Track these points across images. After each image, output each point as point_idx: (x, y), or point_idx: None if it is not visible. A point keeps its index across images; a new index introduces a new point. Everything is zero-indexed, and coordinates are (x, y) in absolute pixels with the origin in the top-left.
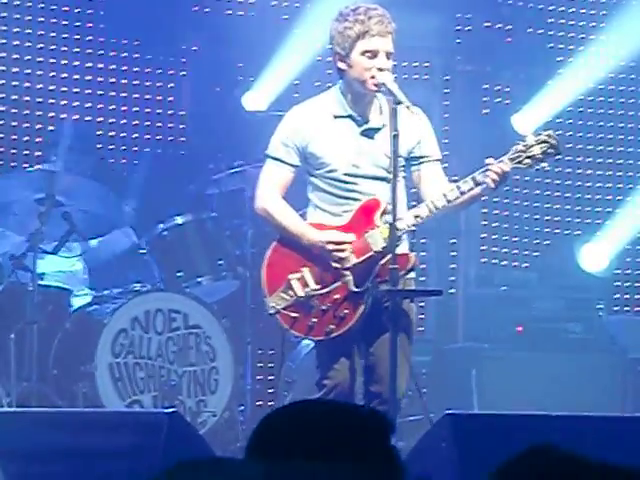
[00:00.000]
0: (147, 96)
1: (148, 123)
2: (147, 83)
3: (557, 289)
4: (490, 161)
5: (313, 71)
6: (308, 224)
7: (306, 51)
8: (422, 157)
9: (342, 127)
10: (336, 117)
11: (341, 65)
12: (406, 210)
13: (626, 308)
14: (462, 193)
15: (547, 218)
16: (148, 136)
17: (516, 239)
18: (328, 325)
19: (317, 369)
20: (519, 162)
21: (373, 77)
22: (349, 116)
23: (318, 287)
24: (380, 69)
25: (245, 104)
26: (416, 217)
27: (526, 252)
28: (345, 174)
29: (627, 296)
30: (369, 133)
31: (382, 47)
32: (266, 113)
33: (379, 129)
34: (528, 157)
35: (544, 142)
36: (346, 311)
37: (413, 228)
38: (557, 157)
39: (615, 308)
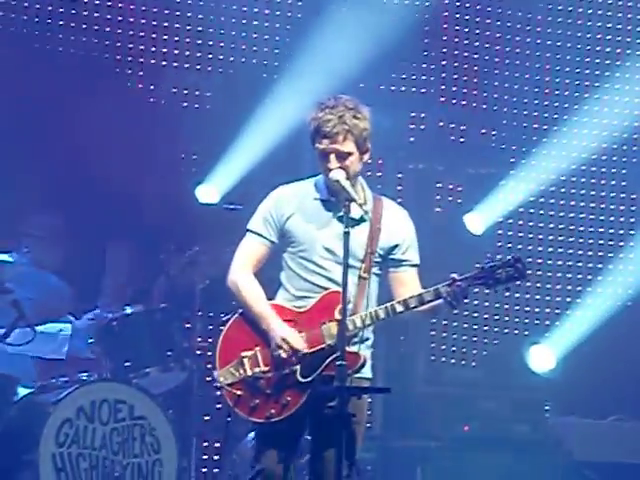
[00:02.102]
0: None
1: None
2: None
3: (504, 389)
4: (454, 277)
5: (267, 164)
6: (270, 305)
7: (260, 145)
8: (400, 260)
9: (319, 211)
10: (317, 200)
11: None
12: (375, 305)
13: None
14: (422, 303)
15: (496, 317)
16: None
17: (465, 337)
18: (269, 409)
19: (251, 450)
20: (483, 283)
21: (327, 175)
22: (328, 201)
23: (266, 369)
24: (330, 169)
25: (198, 196)
26: (372, 317)
27: (474, 351)
28: (319, 256)
29: (573, 398)
30: (347, 221)
31: (331, 148)
32: (218, 206)
33: (359, 220)
34: (493, 279)
35: (511, 266)
36: (289, 398)
37: (366, 326)
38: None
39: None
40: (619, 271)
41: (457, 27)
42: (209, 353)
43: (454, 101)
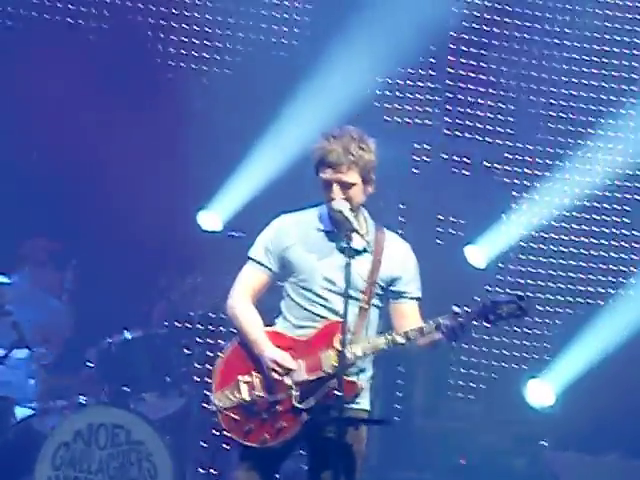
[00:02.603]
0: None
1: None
2: None
3: (502, 423)
4: (456, 309)
5: (271, 191)
6: (266, 332)
7: (264, 172)
8: (401, 292)
9: (321, 241)
10: (319, 230)
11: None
12: (375, 336)
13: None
14: (422, 335)
15: (495, 351)
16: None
17: (463, 370)
18: (264, 434)
19: (234, 472)
20: (485, 319)
21: (330, 203)
22: (331, 231)
23: (262, 395)
24: (333, 199)
25: (201, 223)
26: (372, 347)
27: (472, 384)
28: (319, 287)
29: (572, 433)
30: (348, 252)
31: (335, 178)
32: (221, 234)
33: (360, 251)
34: (494, 315)
35: (514, 303)
36: (284, 424)
37: (366, 356)
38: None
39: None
40: (619, 307)
41: (462, 60)
42: (208, 380)
43: (458, 133)
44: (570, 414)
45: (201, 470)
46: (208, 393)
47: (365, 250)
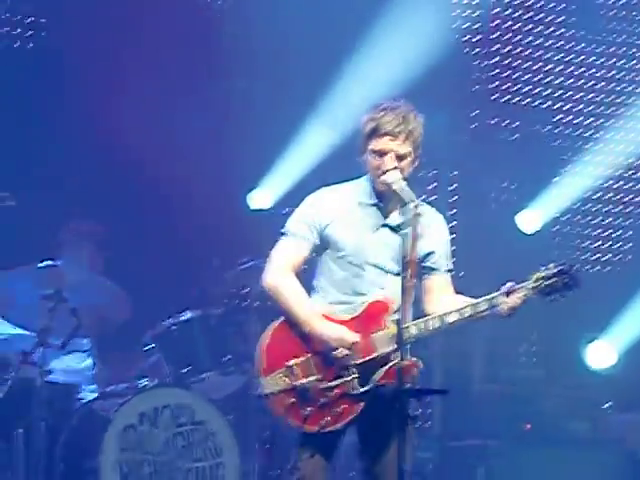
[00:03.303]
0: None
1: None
2: None
3: (564, 387)
4: (510, 285)
5: (319, 171)
6: (317, 313)
7: (313, 151)
8: (434, 268)
9: (364, 215)
10: (360, 204)
11: (361, 159)
12: (410, 311)
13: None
14: (477, 312)
15: (553, 314)
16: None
17: (522, 335)
18: (324, 418)
19: (293, 452)
20: (539, 292)
21: (380, 177)
22: (374, 205)
23: (320, 378)
24: (386, 170)
25: (250, 202)
26: (426, 327)
27: (533, 349)
28: (362, 262)
29: (635, 394)
30: (393, 226)
31: (389, 148)
32: (270, 211)
33: (401, 226)
34: (550, 288)
35: (565, 273)
36: (344, 407)
37: (420, 337)
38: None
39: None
40: None
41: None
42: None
43: (505, 99)
44: (632, 375)
45: (266, 446)
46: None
47: (406, 225)
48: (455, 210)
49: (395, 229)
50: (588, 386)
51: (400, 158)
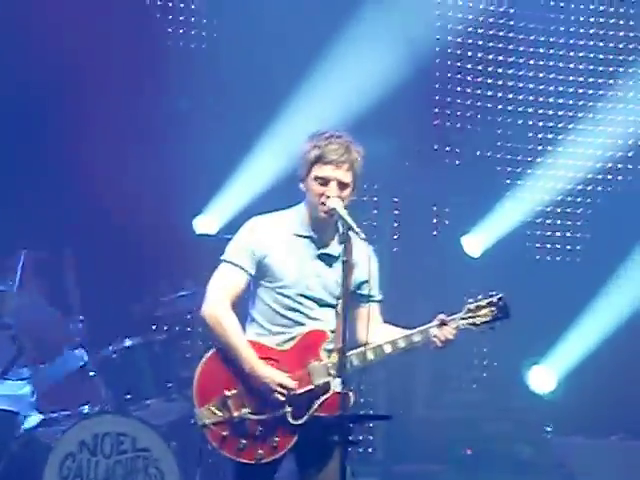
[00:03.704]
0: None
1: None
2: None
3: (505, 411)
4: (442, 317)
5: (265, 197)
6: (250, 343)
7: (259, 178)
8: (370, 296)
9: (300, 246)
10: (296, 235)
11: (301, 186)
12: (347, 340)
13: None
14: (411, 344)
15: (496, 339)
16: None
17: (464, 360)
18: (258, 451)
19: None
20: (470, 323)
21: (323, 203)
22: (309, 237)
23: (254, 411)
24: (328, 197)
25: (195, 227)
26: (363, 358)
27: (475, 374)
28: (296, 294)
29: (575, 418)
30: (326, 258)
31: (334, 176)
32: (216, 237)
33: (336, 257)
34: (480, 320)
35: (494, 305)
36: (279, 439)
37: (357, 368)
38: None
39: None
40: (619, 290)
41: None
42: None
43: (448, 124)
44: (573, 399)
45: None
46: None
47: (340, 255)
48: (397, 235)
49: (331, 259)
50: (530, 410)
51: (342, 186)
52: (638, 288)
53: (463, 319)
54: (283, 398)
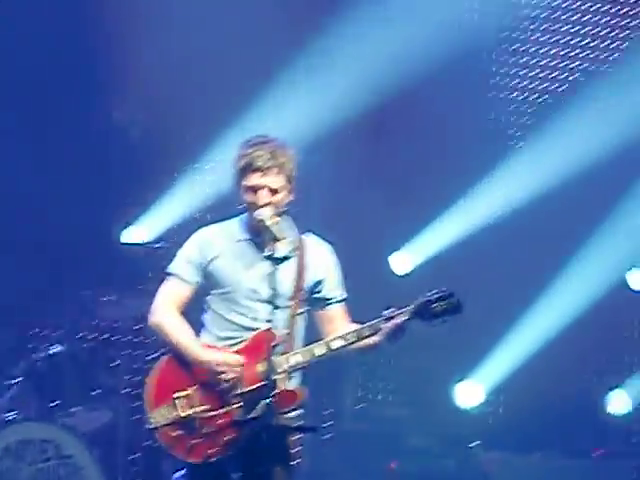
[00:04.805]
0: None
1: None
2: None
3: (432, 426)
4: (392, 310)
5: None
6: (201, 344)
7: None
8: (328, 299)
9: (245, 251)
10: (240, 240)
11: (238, 195)
12: (302, 341)
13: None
14: (360, 338)
15: (423, 353)
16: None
17: (391, 373)
18: (207, 449)
19: None
20: (420, 317)
21: (254, 212)
22: (253, 241)
23: (203, 409)
24: (261, 205)
25: (124, 237)
26: (310, 355)
27: (401, 387)
28: (244, 297)
29: (500, 433)
30: (273, 260)
31: (263, 183)
32: (144, 245)
33: (284, 258)
34: (429, 313)
35: (445, 299)
36: (228, 437)
37: (305, 364)
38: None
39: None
40: (549, 305)
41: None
42: (135, 392)
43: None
44: (499, 414)
45: None
46: (138, 408)
47: (289, 257)
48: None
49: (278, 261)
50: (456, 425)
51: (274, 192)
52: (567, 304)
53: (413, 312)
54: (233, 375)
